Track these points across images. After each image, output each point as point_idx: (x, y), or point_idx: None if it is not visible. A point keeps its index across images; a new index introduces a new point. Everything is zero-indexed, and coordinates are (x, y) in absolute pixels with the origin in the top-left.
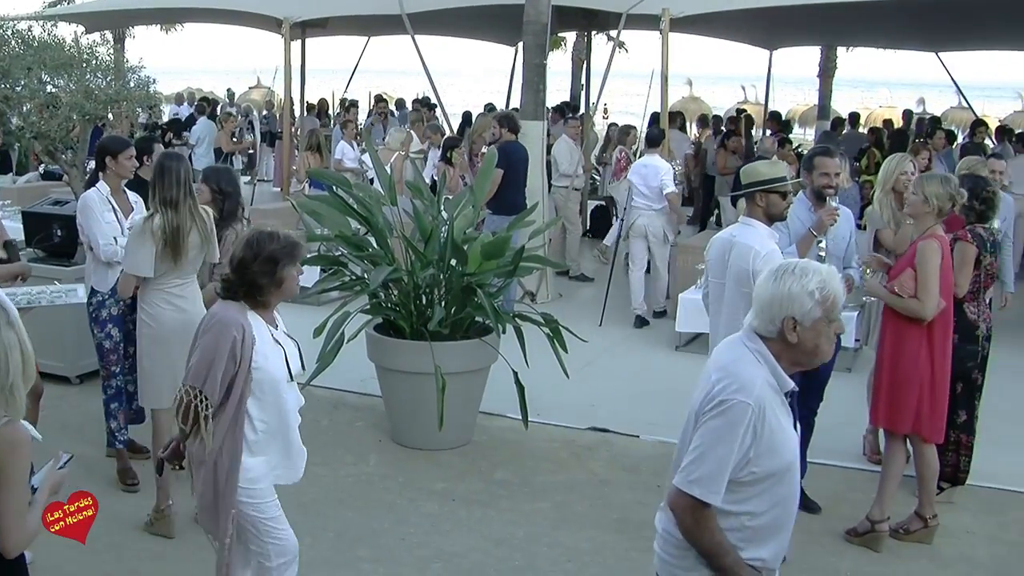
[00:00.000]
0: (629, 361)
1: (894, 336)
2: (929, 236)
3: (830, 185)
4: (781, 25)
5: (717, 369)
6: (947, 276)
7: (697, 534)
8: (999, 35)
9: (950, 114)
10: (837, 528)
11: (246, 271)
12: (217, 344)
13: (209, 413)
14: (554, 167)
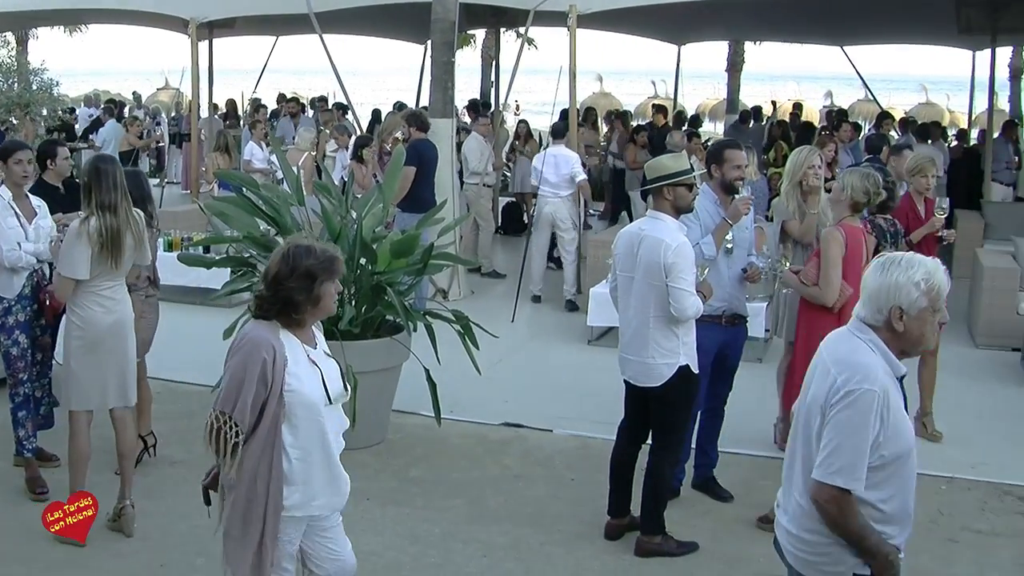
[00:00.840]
0: (541, 356)
1: (807, 325)
2: (836, 225)
3: (741, 177)
4: (689, 20)
5: (836, 363)
6: (855, 265)
7: (843, 521)
8: (901, 29)
9: (857, 106)
10: (749, 516)
11: (281, 287)
12: (246, 366)
13: (240, 440)
14: (464, 164)
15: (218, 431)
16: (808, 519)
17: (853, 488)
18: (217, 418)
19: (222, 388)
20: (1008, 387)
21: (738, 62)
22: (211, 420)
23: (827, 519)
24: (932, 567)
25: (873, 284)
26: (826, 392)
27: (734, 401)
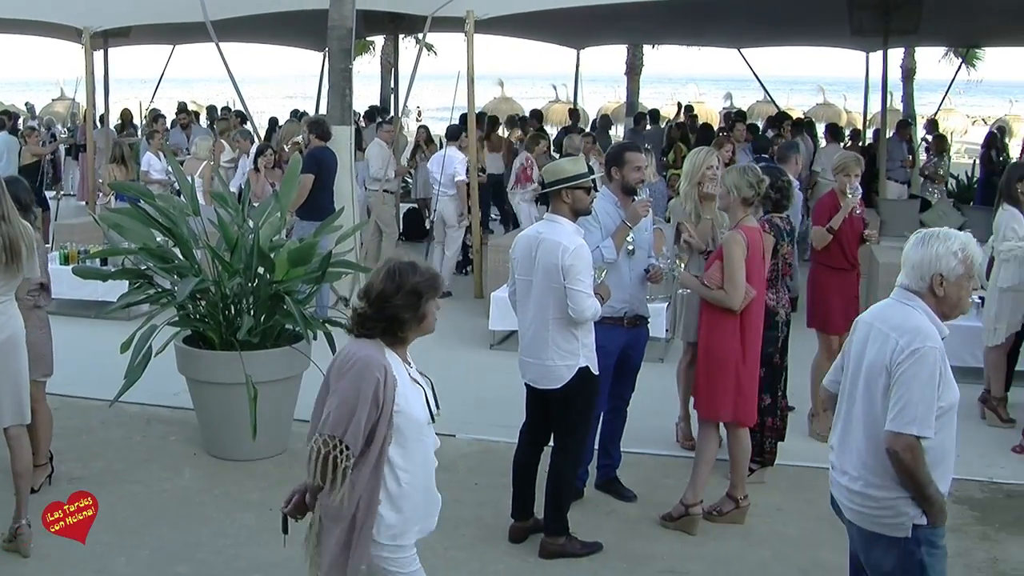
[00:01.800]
0: (444, 360)
1: (709, 326)
2: (736, 228)
3: (641, 179)
4: (587, 25)
5: (894, 329)
6: (757, 266)
7: (915, 467)
8: (797, 31)
9: (755, 108)
10: (653, 514)
11: (387, 305)
12: (359, 388)
13: (350, 464)
14: (366, 171)
15: (327, 456)
16: (873, 475)
17: (927, 435)
18: (326, 442)
19: (331, 411)
20: None
21: (637, 65)
22: (318, 445)
23: (901, 467)
24: (832, 559)
25: (915, 256)
26: (889, 355)
27: (637, 401)
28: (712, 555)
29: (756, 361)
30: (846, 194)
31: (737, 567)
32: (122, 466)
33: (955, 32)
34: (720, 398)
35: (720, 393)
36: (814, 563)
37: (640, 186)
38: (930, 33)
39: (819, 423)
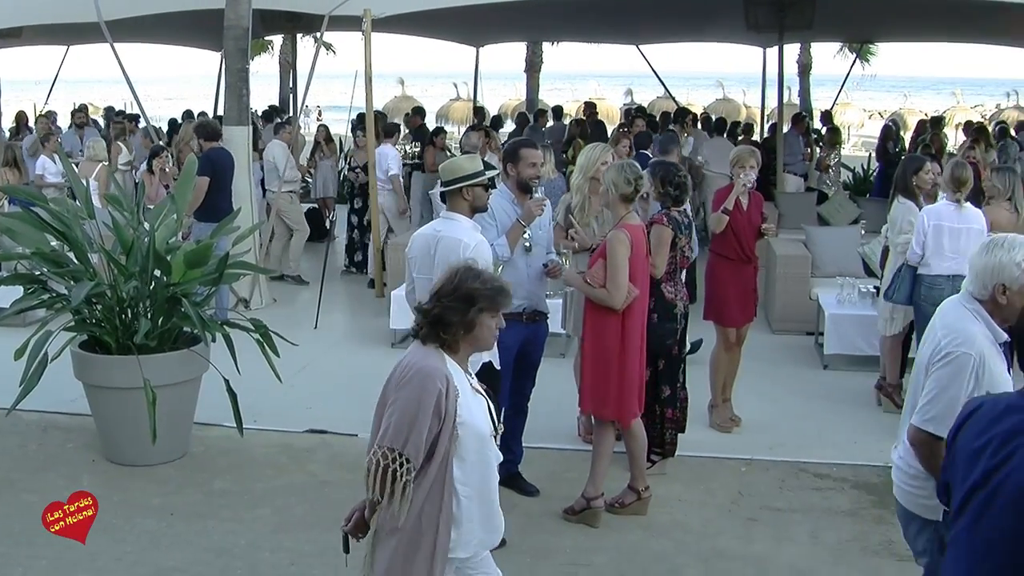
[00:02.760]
0: (345, 361)
1: (593, 324)
2: (619, 226)
3: (537, 175)
4: (485, 22)
5: (943, 327)
6: (640, 263)
7: (933, 463)
8: (694, 27)
9: (656, 103)
10: (556, 508)
11: (437, 304)
12: (420, 398)
13: (411, 479)
14: (272, 172)
15: (385, 469)
16: (911, 456)
17: (941, 434)
18: (384, 455)
19: (390, 422)
20: (803, 369)
21: (536, 62)
22: (376, 459)
23: (921, 459)
24: (732, 546)
25: (978, 264)
26: (931, 352)
27: (538, 396)
28: (615, 547)
29: (636, 360)
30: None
31: (639, 558)
32: (19, 475)
33: (849, 28)
34: (603, 395)
35: (603, 391)
36: (715, 552)
37: (536, 183)
38: (825, 29)
39: (718, 414)
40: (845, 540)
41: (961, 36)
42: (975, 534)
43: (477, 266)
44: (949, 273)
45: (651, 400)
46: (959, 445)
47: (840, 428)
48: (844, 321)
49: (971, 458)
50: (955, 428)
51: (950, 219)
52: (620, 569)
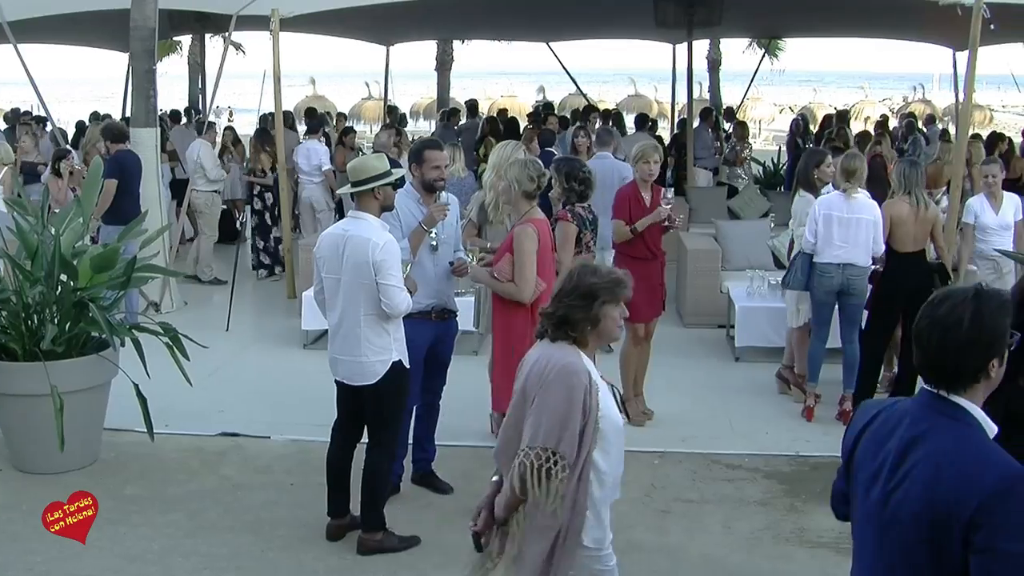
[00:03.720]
0: (257, 363)
1: (502, 320)
2: (525, 221)
3: (441, 177)
4: (395, 21)
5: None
6: (547, 257)
7: None
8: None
9: (567, 100)
10: (470, 506)
11: (560, 304)
12: (570, 396)
13: (566, 475)
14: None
15: (540, 469)
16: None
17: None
18: (539, 455)
19: (541, 422)
20: (715, 362)
21: (447, 61)
22: (530, 460)
23: None
24: (646, 538)
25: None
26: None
27: (451, 394)
28: None
29: None
30: (647, 182)
31: None
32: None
33: (757, 24)
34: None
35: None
36: (629, 545)
37: (440, 185)
38: (733, 25)
39: (630, 408)
40: (758, 529)
41: (868, 31)
42: (878, 558)
43: (592, 263)
44: (839, 261)
45: None
46: (858, 460)
47: (752, 419)
48: (754, 313)
49: (869, 478)
50: (854, 438)
51: (840, 209)
52: None
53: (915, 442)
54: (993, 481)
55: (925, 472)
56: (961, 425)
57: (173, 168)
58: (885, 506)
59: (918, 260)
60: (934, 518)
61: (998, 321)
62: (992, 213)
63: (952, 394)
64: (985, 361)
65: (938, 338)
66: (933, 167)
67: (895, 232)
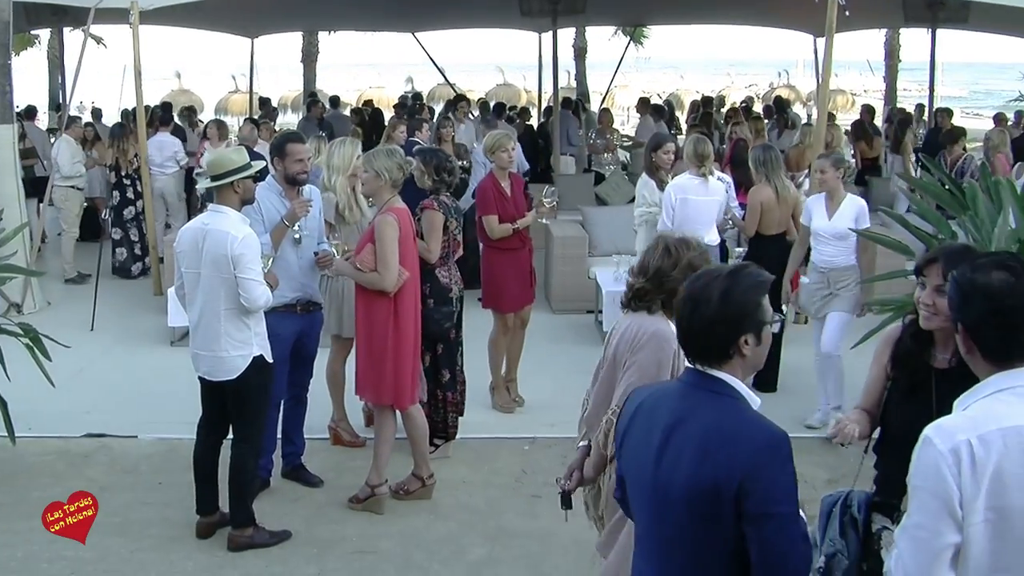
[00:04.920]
0: (124, 362)
1: (364, 311)
2: (386, 210)
3: (304, 171)
4: (260, 13)
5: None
6: (409, 246)
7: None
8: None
9: (436, 91)
10: (341, 498)
11: (665, 279)
12: (659, 360)
13: None
14: (54, 168)
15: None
16: None
17: None
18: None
19: (629, 384)
20: (584, 347)
21: (312, 53)
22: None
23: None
24: (518, 524)
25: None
26: None
27: (320, 387)
28: (400, 532)
29: (411, 344)
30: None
31: (425, 541)
32: None
33: (622, 12)
34: (379, 381)
35: (379, 376)
36: (500, 530)
37: (302, 178)
38: (598, 13)
39: (499, 396)
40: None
41: (732, 19)
42: (657, 538)
43: (676, 234)
44: None
45: (431, 385)
46: (629, 443)
47: None
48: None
49: (642, 458)
50: (627, 422)
51: (695, 192)
52: (406, 553)
53: (681, 419)
54: (757, 448)
55: (692, 448)
56: (724, 399)
57: (33, 166)
58: (656, 485)
59: (780, 241)
60: (705, 492)
61: (748, 298)
62: (824, 217)
63: (711, 368)
64: (734, 338)
65: (688, 313)
66: (796, 151)
67: (764, 217)
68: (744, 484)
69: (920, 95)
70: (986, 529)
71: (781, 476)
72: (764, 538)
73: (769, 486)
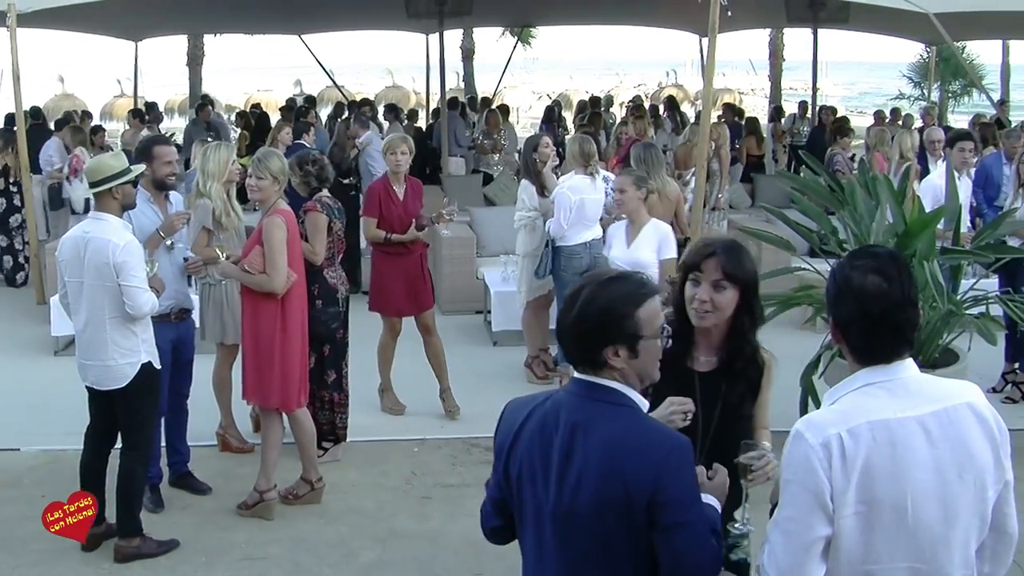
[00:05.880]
0: (5, 373)
1: (251, 314)
2: (273, 212)
3: (173, 173)
4: (144, 15)
5: None
6: (296, 248)
7: None
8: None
9: (325, 93)
10: (230, 505)
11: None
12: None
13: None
14: None
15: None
16: None
17: None
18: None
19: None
20: (474, 347)
21: (198, 56)
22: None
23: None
24: (408, 525)
25: None
26: None
27: (203, 394)
28: (290, 537)
29: (298, 346)
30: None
31: (315, 546)
32: None
33: (509, 13)
34: (267, 384)
35: (266, 379)
36: (391, 532)
37: (171, 181)
38: (484, 14)
39: (388, 398)
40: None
41: (619, 19)
42: (561, 557)
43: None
44: (584, 241)
45: (317, 386)
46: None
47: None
48: (509, 298)
49: (538, 474)
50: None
51: (586, 191)
52: (296, 559)
53: (579, 432)
54: (665, 457)
55: (596, 463)
56: (622, 409)
57: None
58: (561, 502)
59: None
60: (617, 506)
61: (614, 308)
62: (622, 245)
63: (597, 377)
64: (598, 347)
65: (560, 319)
66: (683, 148)
67: None
68: (655, 495)
69: (805, 93)
70: (857, 521)
71: (688, 482)
72: (675, 548)
73: (679, 494)
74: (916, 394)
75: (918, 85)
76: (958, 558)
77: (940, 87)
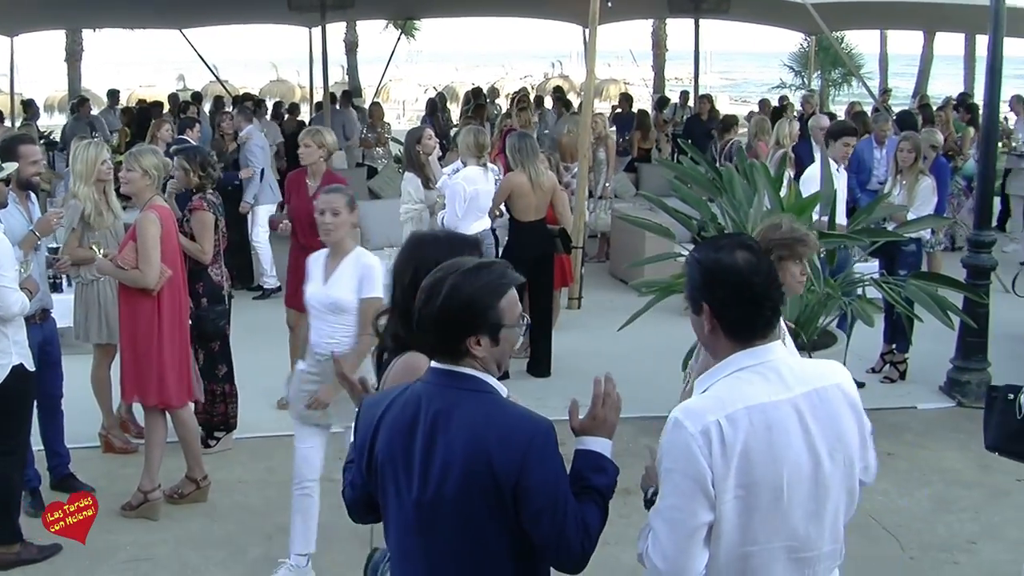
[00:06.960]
0: None
1: (128, 311)
2: (148, 208)
3: (38, 173)
4: (19, 9)
5: None
6: (171, 244)
7: None
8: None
9: (209, 88)
10: (114, 506)
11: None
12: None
13: None
14: None
15: None
16: None
17: None
18: None
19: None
20: None
21: (76, 51)
22: None
23: None
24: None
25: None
26: None
27: (81, 394)
28: (176, 537)
29: (176, 343)
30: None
31: (202, 544)
32: None
33: (391, 5)
34: (145, 382)
35: (144, 377)
36: (277, 528)
37: (36, 180)
38: (367, 7)
39: None
40: None
41: (502, 11)
42: (432, 546)
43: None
44: (477, 231)
45: (209, 380)
46: (382, 454)
47: None
48: None
49: (402, 466)
50: (371, 432)
51: (480, 182)
52: (183, 558)
53: (441, 420)
54: (529, 442)
55: (461, 448)
56: (482, 396)
57: None
58: (425, 492)
59: (539, 227)
60: (483, 492)
61: (479, 298)
62: (319, 281)
63: (456, 366)
64: (461, 336)
65: (421, 305)
66: (567, 139)
67: (517, 203)
68: (522, 479)
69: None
70: (736, 505)
71: (553, 465)
72: (543, 533)
73: (545, 478)
74: (788, 376)
75: (799, 74)
76: (828, 533)
77: (820, 76)
